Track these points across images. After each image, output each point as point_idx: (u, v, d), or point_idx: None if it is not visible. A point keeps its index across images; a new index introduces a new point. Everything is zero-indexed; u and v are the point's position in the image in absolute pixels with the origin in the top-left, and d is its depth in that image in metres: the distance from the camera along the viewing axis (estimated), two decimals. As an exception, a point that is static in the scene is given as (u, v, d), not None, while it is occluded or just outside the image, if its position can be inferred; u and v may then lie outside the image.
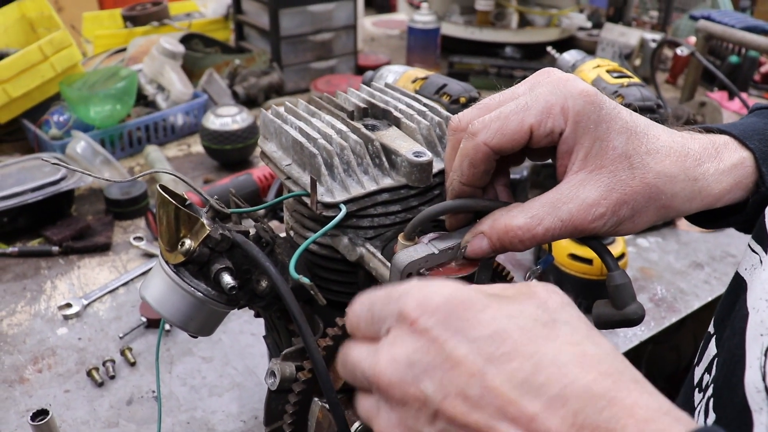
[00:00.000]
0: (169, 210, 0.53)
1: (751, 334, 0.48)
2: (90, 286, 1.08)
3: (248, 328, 0.99)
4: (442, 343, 0.36)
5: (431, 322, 0.37)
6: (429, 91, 0.90)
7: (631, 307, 0.49)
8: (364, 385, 0.41)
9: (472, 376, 0.35)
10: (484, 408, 0.35)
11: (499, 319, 0.37)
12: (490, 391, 0.35)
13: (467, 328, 0.36)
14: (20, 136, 1.55)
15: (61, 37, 1.45)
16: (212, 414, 0.85)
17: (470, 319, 0.37)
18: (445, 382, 0.36)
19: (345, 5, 1.91)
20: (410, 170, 0.56)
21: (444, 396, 0.35)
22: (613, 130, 0.49)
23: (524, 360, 0.35)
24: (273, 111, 0.63)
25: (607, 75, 0.93)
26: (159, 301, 0.55)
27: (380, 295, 0.41)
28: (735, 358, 0.49)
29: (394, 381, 0.37)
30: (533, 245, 0.49)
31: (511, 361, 0.35)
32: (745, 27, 1.81)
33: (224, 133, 1.42)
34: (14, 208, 1.15)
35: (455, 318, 0.37)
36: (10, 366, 0.91)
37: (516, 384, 0.34)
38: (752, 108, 0.64)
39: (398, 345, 0.38)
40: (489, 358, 0.35)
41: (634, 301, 0.50)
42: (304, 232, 0.61)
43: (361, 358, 0.40)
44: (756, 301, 0.49)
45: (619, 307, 0.50)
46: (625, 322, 0.50)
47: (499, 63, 2.05)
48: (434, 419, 0.36)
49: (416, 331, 0.37)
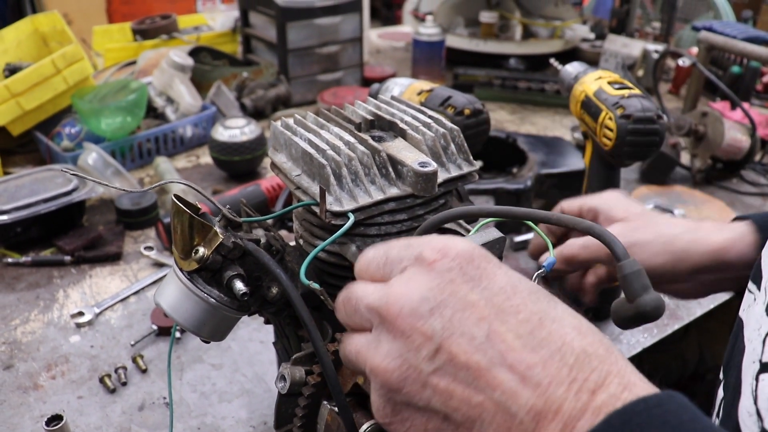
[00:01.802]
0: (184, 219, 0.55)
1: (746, 363, 0.50)
2: (102, 295, 1.10)
3: (257, 335, 1.01)
4: (458, 285, 0.38)
5: (450, 265, 0.39)
6: (434, 103, 0.91)
7: (642, 298, 0.44)
8: (364, 321, 0.42)
9: (481, 319, 0.37)
10: (486, 351, 0.36)
11: (511, 277, 0.40)
12: (495, 336, 0.37)
13: (482, 278, 0.39)
14: (33, 148, 1.57)
15: (73, 51, 1.48)
16: (222, 420, 0.86)
17: (487, 270, 0.39)
18: (454, 321, 0.37)
19: (351, 18, 1.94)
20: (416, 180, 0.57)
21: (450, 334, 0.37)
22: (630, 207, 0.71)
23: (530, 315, 0.37)
24: (283, 123, 0.65)
25: (609, 86, 0.94)
26: (173, 307, 0.57)
27: (399, 242, 0.43)
28: (736, 393, 0.50)
29: (405, 311, 0.38)
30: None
31: (518, 313, 0.37)
32: (746, 38, 1.83)
33: (233, 145, 1.44)
34: (27, 219, 1.17)
35: (473, 267, 0.39)
36: (25, 373, 0.93)
37: (520, 334, 0.37)
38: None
39: (414, 280, 0.39)
40: (499, 307, 0.37)
41: (646, 291, 0.44)
42: (313, 240, 0.62)
43: (368, 292, 0.41)
44: (751, 333, 0.51)
45: (631, 300, 0.45)
46: (639, 316, 0.44)
47: (504, 74, 2.07)
48: (435, 355, 0.37)
49: (434, 270, 0.39)
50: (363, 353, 0.41)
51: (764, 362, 0.46)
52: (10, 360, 0.96)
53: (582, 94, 0.98)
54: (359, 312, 0.42)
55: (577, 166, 1.32)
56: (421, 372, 0.38)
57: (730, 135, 1.45)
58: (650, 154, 0.90)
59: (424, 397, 0.38)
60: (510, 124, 1.88)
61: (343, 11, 1.90)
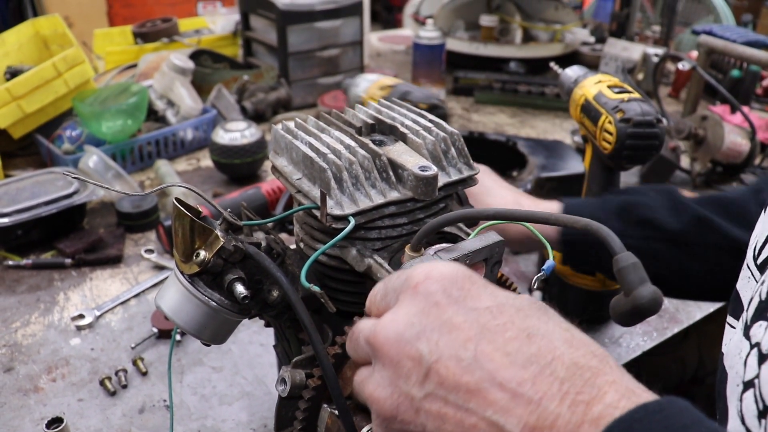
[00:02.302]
0: (185, 222, 0.55)
1: (731, 389, 0.50)
2: (102, 298, 1.10)
3: (257, 338, 1.01)
4: (443, 308, 0.38)
5: (434, 287, 0.39)
6: (394, 97, 0.94)
7: (638, 291, 0.42)
8: (364, 354, 0.42)
9: (467, 340, 0.37)
10: (475, 372, 0.36)
11: (498, 296, 0.40)
12: (482, 356, 0.36)
13: (467, 298, 0.39)
14: (34, 151, 1.58)
15: (74, 54, 1.49)
16: (222, 422, 0.87)
17: (471, 291, 0.39)
18: (441, 344, 0.37)
19: (351, 21, 1.94)
20: (416, 184, 0.58)
21: (438, 357, 0.37)
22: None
23: (518, 332, 0.37)
24: (284, 127, 0.65)
25: (609, 90, 0.94)
26: (174, 311, 0.57)
27: (395, 274, 0.44)
28: (723, 419, 0.50)
29: (391, 338, 0.39)
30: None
31: (505, 331, 0.37)
32: (746, 42, 1.84)
33: (233, 148, 1.45)
34: (28, 221, 1.17)
35: (458, 288, 0.39)
36: (25, 375, 0.94)
37: (508, 352, 0.36)
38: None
39: (401, 307, 0.40)
40: (485, 326, 0.37)
41: (642, 284, 0.43)
42: (314, 243, 0.63)
43: (366, 325, 0.42)
44: (732, 360, 0.51)
45: (627, 294, 0.43)
46: (636, 310, 0.42)
47: (504, 78, 2.08)
48: (425, 379, 0.37)
49: (419, 294, 0.39)
50: (361, 384, 0.42)
51: (746, 381, 0.46)
52: (11, 362, 0.96)
53: (582, 97, 0.98)
54: (360, 346, 0.43)
55: (577, 170, 1.32)
56: (413, 398, 0.38)
57: (730, 139, 1.45)
58: (650, 157, 0.91)
59: (419, 422, 0.38)
60: (510, 127, 1.89)
61: (343, 14, 1.90)
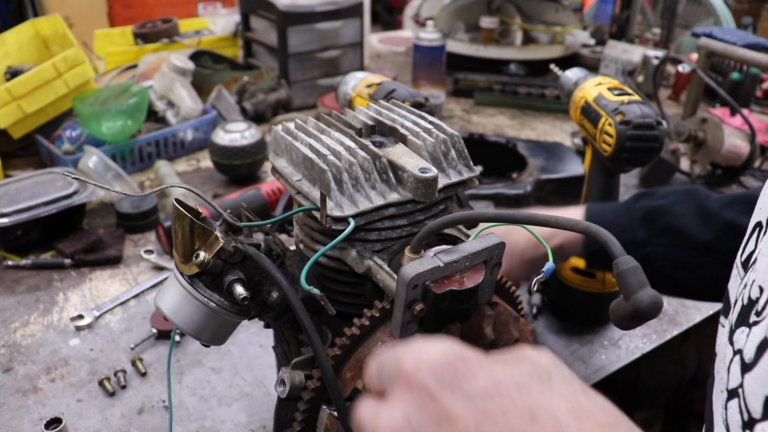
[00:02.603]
0: (185, 223, 0.55)
1: (716, 394, 0.50)
2: (101, 298, 1.10)
3: (257, 339, 1.01)
4: (438, 398, 0.36)
5: (426, 377, 0.37)
6: (380, 95, 0.94)
7: (638, 295, 0.42)
8: None
9: (465, 431, 0.35)
10: None
11: (494, 373, 0.37)
12: None
13: (462, 382, 0.37)
14: (33, 151, 1.58)
15: (74, 54, 1.49)
16: (221, 423, 0.86)
17: (466, 373, 0.37)
18: None
19: (352, 23, 1.94)
20: (416, 186, 0.58)
21: None
22: None
23: (520, 413, 0.35)
24: (284, 128, 0.65)
25: (609, 92, 0.94)
26: (174, 311, 0.57)
27: (387, 354, 0.42)
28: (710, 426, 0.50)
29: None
30: None
31: (506, 414, 0.35)
32: (746, 44, 1.84)
33: (233, 149, 1.45)
34: (28, 222, 1.17)
35: (451, 373, 0.37)
36: (24, 376, 0.93)
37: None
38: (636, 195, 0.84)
39: (395, 403, 0.38)
40: (484, 413, 0.35)
41: (642, 288, 0.43)
42: (314, 245, 0.63)
43: (366, 415, 0.41)
44: (718, 363, 0.51)
45: (627, 298, 0.43)
46: (636, 313, 0.42)
47: (504, 80, 2.08)
48: None
49: (413, 388, 0.37)
50: None
51: (730, 389, 0.46)
52: (10, 363, 0.96)
53: (582, 100, 0.98)
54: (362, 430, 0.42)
55: (577, 172, 1.32)
56: None
57: (730, 141, 1.45)
58: (649, 159, 0.91)
59: None
60: (510, 129, 1.89)
61: (343, 16, 1.90)
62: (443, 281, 0.52)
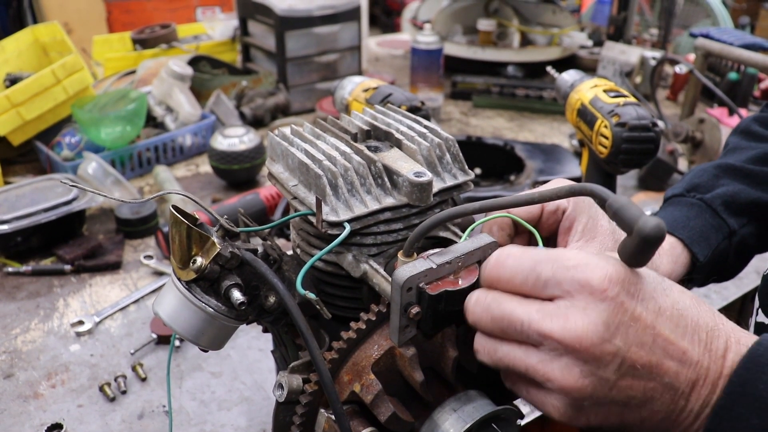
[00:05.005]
0: (182, 229, 0.56)
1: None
2: (101, 304, 1.11)
3: (256, 343, 1.01)
4: (626, 305, 0.46)
5: (618, 290, 0.46)
6: (376, 99, 0.95)
7: (638, 224, 0.43)
8: (528, 339, 0.48)
9: (646, 327, 0.46)
10: (655, 351, 0.46)
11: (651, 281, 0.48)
12: (658, 338, 0.46)
13: (638, 292, 0.47)
14: (33, 158, 1.58)
15: (73, 61, 1.49)
16: (221, 428, 0.87)
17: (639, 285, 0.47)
18: (630, 335, 0.46)
19: (350, 26, 1.95)
20: (411, 190, 0.58)
21: (629, 347, 0.46)
22: (599, 212, 0.64)
23: (672, 310, 0.47)
24: (280, 133, 0.66)
25: (604, 94, 0.95)
26: (172, 317, 0.58)
27: (544, 259, 0.48)
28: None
29: (595, 342, 0.45)
30: None
31: (665, 311, 0.47)
32: (743, 44, 1.84)
33: (232, 154, 1.45)
34: (28, 228, 1.18)
35: (632, 285, 0.47)
36: (25, 381, 0.94)
37: (672, 329, 0.47)
38: (666, 197, 0.85)
39: (592, 311, 0.46)
40: (655, 311, 0.47)
41: (640, 216, 0.43)
42: (310, 249, 0.63)
43: (535, 317, 0.47)
44: None
45: (630, 232, 0.44)
46: (643, 241, 0.44)
47: (502, 82, 2.09)
48: (620, 366, 0.46)
49: (607, 299, 0.46)
50: (541, 370, 0.47)
51: None
52: (11, 369, 0.96)
53: (578, 102, 0.99)
54: (524, 333, 0.48)
55: (575, 173, 1.33)
56: (609, 380, 0.46)
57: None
58: (645, 161, 0.91)
59: (610, 395, 0.47)
60: (508, 131, 1.89)
61: (341, 20, 1.91)
62: (437, 283, 0.53)
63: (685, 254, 0.76)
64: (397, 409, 0.55)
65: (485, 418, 0.56)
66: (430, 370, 0.58)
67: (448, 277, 0.53)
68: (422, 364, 0.55)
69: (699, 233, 0.77)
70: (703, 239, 0.77)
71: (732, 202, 0.80)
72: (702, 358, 0.47)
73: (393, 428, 0.55)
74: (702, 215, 0.80)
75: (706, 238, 0.77)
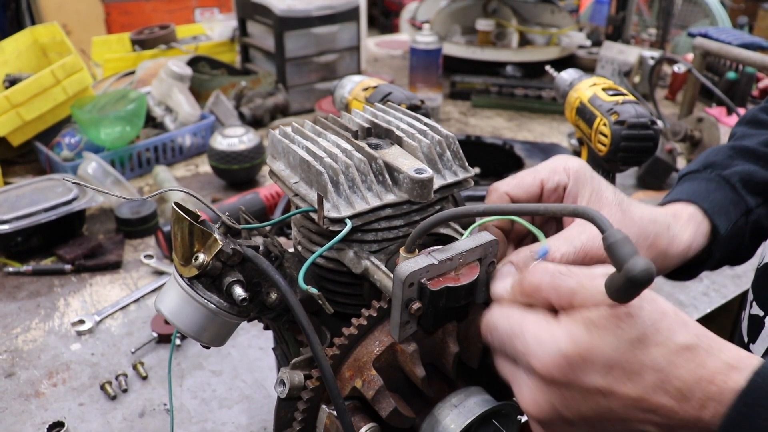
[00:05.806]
0: (184, 226, 0.56)
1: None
2: (102, 303, 1.11)
3: (256, 342, 1.02)
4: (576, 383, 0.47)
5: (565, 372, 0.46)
6: (376, 98, 0.95)
7: (629, 264, 0.42)
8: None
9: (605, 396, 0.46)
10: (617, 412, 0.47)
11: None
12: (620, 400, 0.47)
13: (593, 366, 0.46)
14: (33, 158, 1.59)
15: (72, 61, 1.49)
16: (222, 426, 0.87)
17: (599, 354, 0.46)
18: (582, 408, 0.48)
19: (349, 27, 1.95)
20: (412, 186, 0.58)
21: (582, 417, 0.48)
22: (603, 183, 0.63)
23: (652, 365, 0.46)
24: (281, 131, 0.66)
25: (603, 93, 0.95)
26: (174, 313, 0.58)
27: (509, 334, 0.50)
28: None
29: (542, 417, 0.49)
30: None
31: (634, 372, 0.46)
32: (741, 44, 1.85)
33: (231, 154, 1.45)
34: (28, 228, 1.18)
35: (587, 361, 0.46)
36: (26, 381, 0.94)
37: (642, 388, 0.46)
38: (681, 174, 0.82)
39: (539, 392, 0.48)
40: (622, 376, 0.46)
41: (632, 256, 0.42)
42: (311, 246, 0.63)
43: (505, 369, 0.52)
44: None
45: (619, 268, 0.43)
46: (629, 282, 0.42)
47: (500, 82, 2.09)
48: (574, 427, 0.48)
49: (552, 383, 0.47)
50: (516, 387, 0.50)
51: None
52: (12, 368, 0.96)
53: (577, 100, 0.99)
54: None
55: (574, 172, 1.33)
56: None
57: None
58: (644, 159, 0.91)
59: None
60: (507, 131, 1.90)
61: (340, 20, 1.91)
62: (439, 279, 0.53)
63: (706, 224, 0.72)
64: (398, 404, 0.55)
65: (486, 414, 0.56)
66: (431, 366, 0.58)
67: (450, 274, 0.54)
68: (423, 360, 0.55)
69: (719, 206, 0.73)
70: (723, 212, 0.73)
71: (749, 180, 0.77)
72: (678, 412, 0.46)
73: (394, 424, 0.55)
74: (721, 189, 0.76)
75: (726, 212, 0.73)
